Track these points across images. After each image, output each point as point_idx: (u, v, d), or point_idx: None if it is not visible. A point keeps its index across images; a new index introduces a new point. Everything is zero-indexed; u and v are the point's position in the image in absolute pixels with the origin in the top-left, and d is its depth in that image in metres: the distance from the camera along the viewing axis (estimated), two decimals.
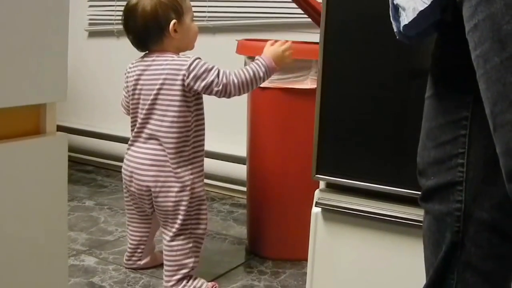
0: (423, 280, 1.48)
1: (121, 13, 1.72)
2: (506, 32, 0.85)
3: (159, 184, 1.76)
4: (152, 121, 1.77)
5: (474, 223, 1.06)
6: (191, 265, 1.79)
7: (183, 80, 1.73)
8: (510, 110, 0.86)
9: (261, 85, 1.98)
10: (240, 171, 2.62)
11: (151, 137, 1.77)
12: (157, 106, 1.75)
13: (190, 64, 1.73)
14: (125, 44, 3.04)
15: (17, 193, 1.05)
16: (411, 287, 1.53)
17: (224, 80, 1.74)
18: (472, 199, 1.06)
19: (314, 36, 2.06)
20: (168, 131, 1.75)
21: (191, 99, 1.77)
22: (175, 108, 1.74)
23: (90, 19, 3.19)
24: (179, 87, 1.73)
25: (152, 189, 1.77)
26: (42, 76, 1.05)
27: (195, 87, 1.73)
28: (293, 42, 1.97)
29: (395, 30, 1.12)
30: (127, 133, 2.97)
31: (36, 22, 1.03)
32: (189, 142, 1.78)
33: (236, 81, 1.75)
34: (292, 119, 1.99)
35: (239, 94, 1.79)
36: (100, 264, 2.00)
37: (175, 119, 1.74)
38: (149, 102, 1.76)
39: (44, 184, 1.09)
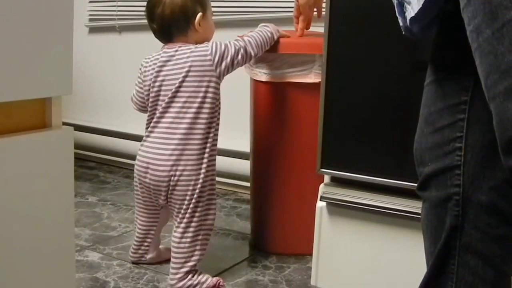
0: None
1: (123, 8, 1.75)
2: (497, 3, 0.86)
3: (178, 173, 1.77)
4: (174, 109, 1.79)
5: (473, 206, 1.07)
6: (197, 257, 1.80)
7: (210, 66, 1.78)
8: (501, 82, 0.87)
9: (264, 79, 1.98)
10: (243, 166, 2.62)
11: (171, 127, 1.78)
12: (180, 94, 1.78)
13: (212, 48, 1.79)
14: (127, 39, 3.07)
15: (24, 186, 1.05)
16: (416, 280, 1.53)
17: (242, 44, 1.83)
18: (470, 182, 1.07)
19: (316, 29, 2.06)
20: (194, 117, 1.77)
21: (218, 86, 1.82)
22: (201, 94, 1.77)
23: (91, 15, 3.18)
24: (207, 73, 1.78)
25: (172, 178, 1.77)
26: (48, 70, 1.05)
27: (223, 66, 1.80)
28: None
29: (401, 24, 1.12)
30: (129, 129, 3.00)
31: (41, 17, 1.03)
32: (212, 129, 1.81)
33: (251, 40, 1.85)
34: (295, 113, 1.99)
35: (258, 53, 1.87)
36: (104, 259, 2.00)
37: (202, 105, 1.77)
38: (172, 90, 1.78)
39: (51, 177, 1.09)
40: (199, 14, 1.81)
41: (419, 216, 1.44)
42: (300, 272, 1.94)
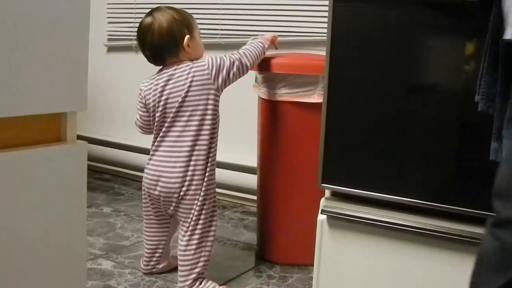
0: (423, 284, 1.49)
1: None
2: None
3: (187, 183, 1.80)
4: (180, 123, 1.82)
5: None
6: (203, 264, 1.82)
7: (208, 79, 1.81)
8: None
9: (271, 98, 1.99)
10: (250, 180, 2.63)
11: (178, 140, 1.81)
12: (184, 108, 1.81)
13: (208, 62, 1.83)
14: (143, 58, 3.07)
15: (39, 197, 1.06)
16: None
17: (237, 56, 1.87)
18: None
19: (320, 53, 2.07)
20: (198, 129, 1.81)
21: (218, 98, 1.84)
22: (202, 107, 1.81)
23: (109, 35, 3.22)
24: (206, 86, 1.81)
25: (182, 189, 1.80)
26: (64, 87, 1.06)
27: (220, 80, 1.82)
28: (302, 54, 1.99)
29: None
30: (143, 144, 3.02)
31: (58, 38, 1.04)
32: (214, 140, 1.84)
33: (245, 52, 1.89)
34: (299, 131, 2.00)
35: (253, 64, 1.91)
36: (117, 267, 2.01)
37: (204, 117, 1.81)
38: (176, 106, 1.81)
39: (65, 188, 1.10)
40: (187, 37, 1.84)
41: (415, 230, 1.47)
42: (302, 282, 1.95)
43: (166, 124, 1.82)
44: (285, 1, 2.64)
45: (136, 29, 1.91)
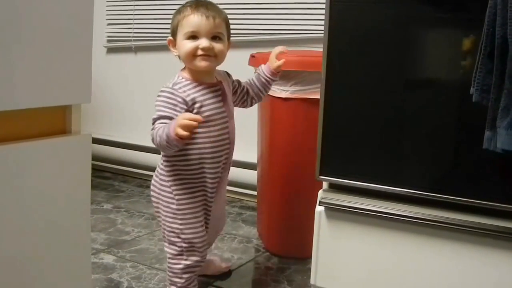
0: (421, 274, 1.48)
1: (138, 30, 1.72)
2: None
3: (155, 194, 1.66)
4: None
5: None
6: (179, 285, 1.65)
7: None
8: None
9: (284, 96, 1.97)
10: (249, 176, 2.62)
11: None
12: None
13: (157, 98, 1.60)
14: (142, 59, 3.08)
15: (44, 188, 1.05)
16: (410, 280, 1.52)
17: (152, 132, 1.56)
18: None
19: (318, 50, 2.07)
20: None
21: None
22: None
23: (109, 36, 3.20)
24: None
25: (154, 202, 1.68)
26: (68, 80, 1.06)
27: None
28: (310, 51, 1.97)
29: None
30: (142, 142, 3.01)
31: (63, 34, 1.04)
32: (171, 159, 1.62)
33: (152, 137, 1.55)
34: (308, 126, 1.96)
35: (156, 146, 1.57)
36: (118, 261, 2.00)
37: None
38: None
39: (70, 179, 1.09)
40: (168, 38, 1.66)
41: (412, 220, 1.46)
42: (300, 273, 1.94)
43: None
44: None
45: (135, 31, 1.82)
